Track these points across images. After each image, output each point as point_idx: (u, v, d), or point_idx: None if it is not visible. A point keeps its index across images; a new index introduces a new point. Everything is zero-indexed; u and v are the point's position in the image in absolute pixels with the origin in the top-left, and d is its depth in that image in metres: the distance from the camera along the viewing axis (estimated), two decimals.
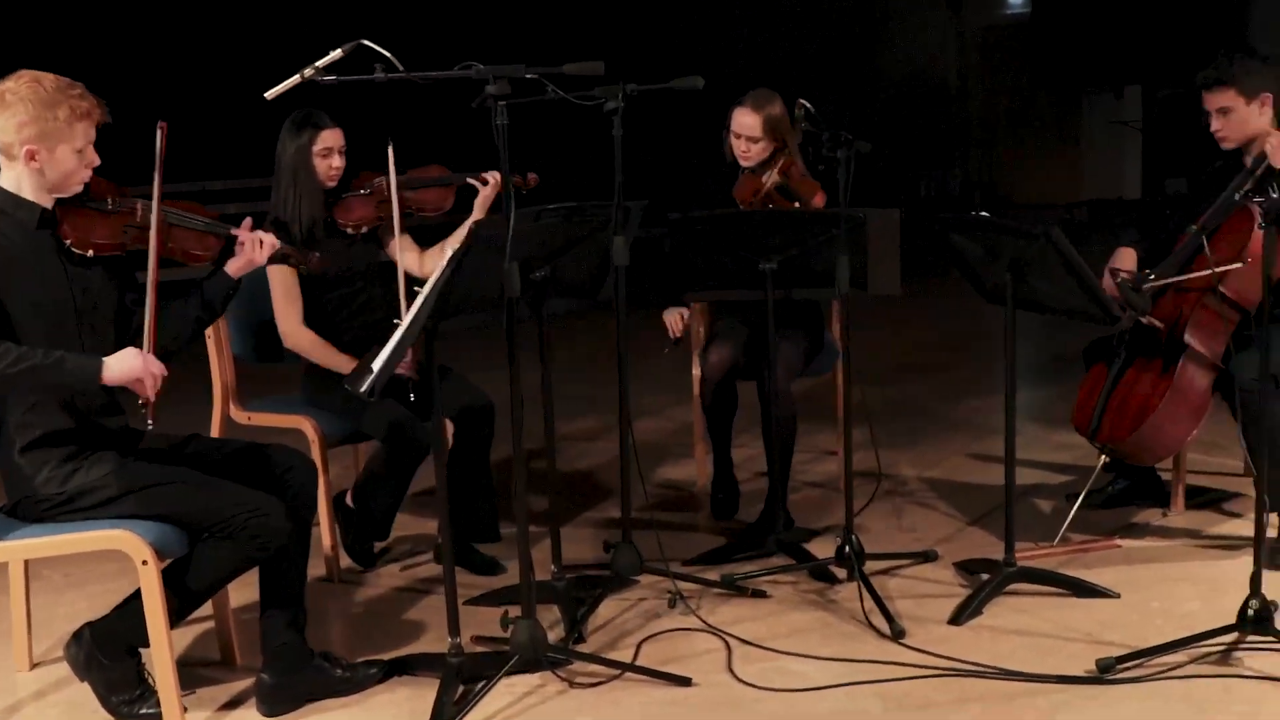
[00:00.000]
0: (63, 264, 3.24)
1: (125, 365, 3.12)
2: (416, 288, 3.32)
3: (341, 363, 4.24)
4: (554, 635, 3.73)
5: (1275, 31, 10.44)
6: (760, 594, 4.04)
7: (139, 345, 3.19)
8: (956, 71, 14.70)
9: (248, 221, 3.56)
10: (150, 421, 3.18)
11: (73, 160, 3.18)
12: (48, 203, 3.23)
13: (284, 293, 4.26)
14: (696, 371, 4.92)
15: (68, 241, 3.23)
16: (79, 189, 3.25)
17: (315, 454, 4.19)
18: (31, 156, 3.15)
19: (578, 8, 13.53)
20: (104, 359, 3.12)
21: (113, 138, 3.31)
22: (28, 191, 3.20)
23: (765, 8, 15.11)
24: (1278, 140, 4.01)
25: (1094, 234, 11.97)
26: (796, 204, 4.54)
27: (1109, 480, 4.68)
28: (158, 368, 3.16)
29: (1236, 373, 4.05)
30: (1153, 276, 4.13)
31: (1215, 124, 4.23)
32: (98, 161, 3.24)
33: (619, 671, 3.51)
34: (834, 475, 5.21)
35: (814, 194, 4.57)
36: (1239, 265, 3.94)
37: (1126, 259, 4.36)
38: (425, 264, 4.41)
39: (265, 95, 3.40)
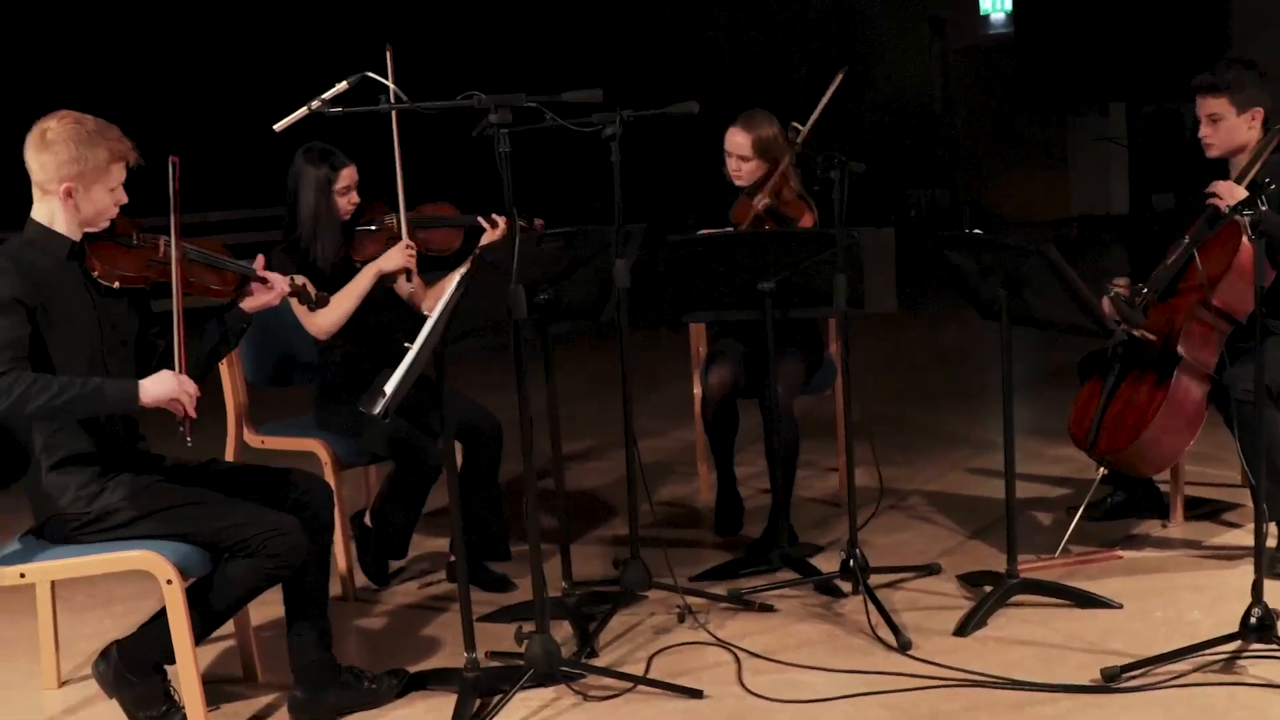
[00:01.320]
0: (90, 295, 3.34)
1: (161, 387, 3.22)
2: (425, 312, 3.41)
3: (356, 289, 4.32)
4: (566, 650, 3.80)
5: (1255, 48, 10.57)
6: (767, 608, 4.12)
7: (170, 368, 3.27)
8: (941, 91, 14.83)
9: (260, 260, 3.65)
10: (189, 440, 3.27)
11: (106, 199, 3.29)
12: (77, 236, 3.33)
13: (304, 312, 4.32)
14: (697, 390, 5.01)
15: (95, 273, 3.33)
16: (107, 225, 3.35)
17: (328, 475, 4.27)
18: (69, 194, 3.25)
19: (575, 37, 13.68)
20: (140, 381, 3.21)
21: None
22: (60, 225, 3.31)
23: (753, 33, 15.27)
24: (1224, 189, 4.09)
25: (1084, 249, 12.10)
26: (788, 226, 4.63)
27: (1108, 492, 4.76)
28: (192, 387, 3.27)
29: (1231, 384, 4.14)
30: (1145, 290, 4.22)
31: (1204, 130, 4.31)
32: (125, 200, 3.35)
33: (632, 685, 3.59)
34: (836, 491, 5.29)
35: (802, 215, 4.66)
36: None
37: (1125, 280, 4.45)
38: (431, 299, 4.49)
39: (274, 128, 3.50)
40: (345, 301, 4.32)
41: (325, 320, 4.32)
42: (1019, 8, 13.20)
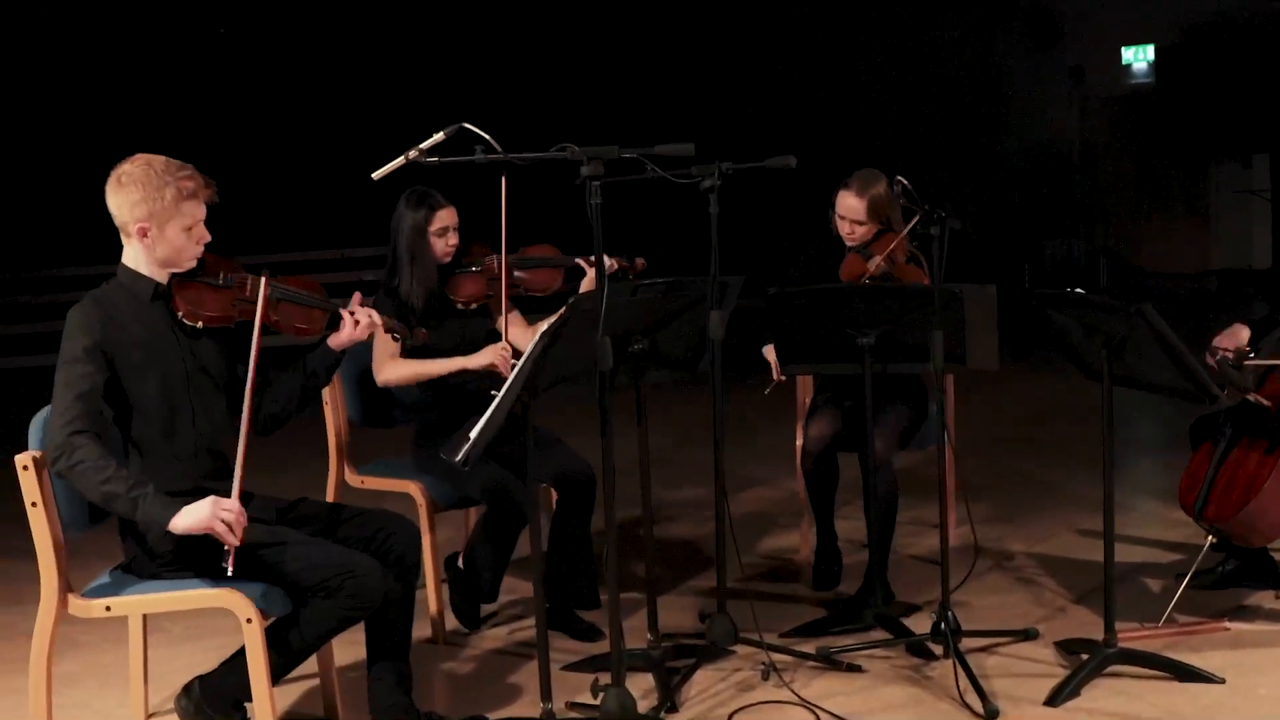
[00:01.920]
0: (175, 335, 3.43)
1: (194, 517, 3.19)
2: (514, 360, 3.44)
3: (437, 368, 4.38)
4: (648, 703, 3.78)
5: None
6: (855, 668, 4.05)
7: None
8: (1080, 141, 14.56)
9: (357, 296, 3.71)
10: (230, 570, 3.23)
11: (182, 238, 3.37)
12: (162, 278, 3.43)
13: (381, 348, 4.39)
14: (799, 442, 4.96)
15: (180, 314, 3.42)
16: (192, 264, 3.44)
17: (422, 518, 4.32)
18: (144, 234, 3.36)
19: (677, 91, 13.80)
20: (179, 511, 3.19)
21: (225, 211, 3.49)
22: (144, 268, 3.41)
23: (890, 80, 15.19)
24: None
25: (1223, 304, 11.74)
26: None
27: (1220, 560, 4.60)
28: (233, 512, 3.21)
29: None
30: (1253, 355, 4.08)
31: None
32: (208, 238, 3.42)
33: None
34: (938, 549, 5.17)
35: (915, 280, 4.60)
36: None
37: (1237, 335, 4.30)
38: (535, 336, 4.52)
39: (372, 176, 3.57)
40: (418, 370, 4.40)
41: (392, 373, 4.40)
42: (1161, 57, 12.94)
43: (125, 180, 3.33)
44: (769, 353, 4.67)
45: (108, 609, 3.38)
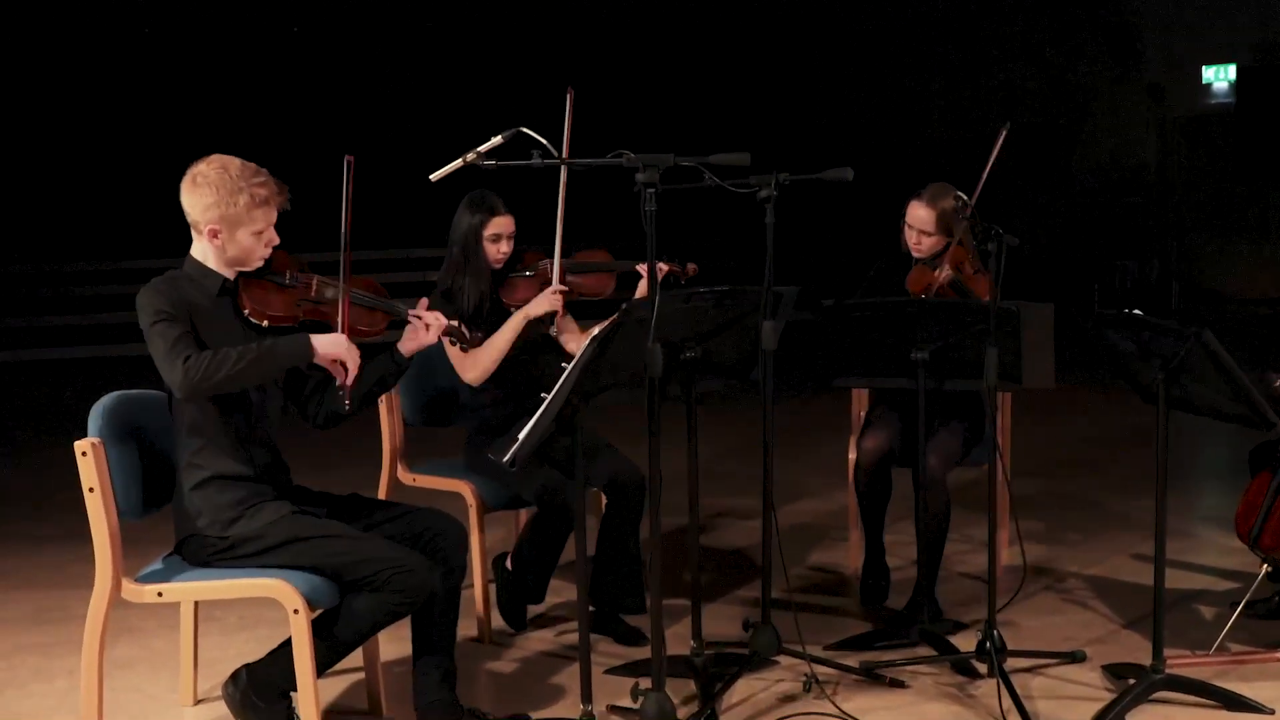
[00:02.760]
0: (241, 329, 3.49)
1: (332, 341, 3.40)
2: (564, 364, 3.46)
3: (504, 336, 4.43)
4: (688, 710, 3.79)
5: None
6: (899, 684, 4.03)
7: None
8: (1157, 160, 14.38)
9: (423, 301, 3.76)
10: (347, 403, 3.46)
11: (251, 240, 3.45)
12: (229, 274, 3.50)
13: (459, 357, 4.44)
14: (852, 455, 4.95)
15: (245, 311, 3.48)
16: (259, 264, 3.51)
17: (472, 517, 4.37)
18: (214, 235, 3.43)
19: (748, 103, 13.84)
20: (312, 335, 3.39)
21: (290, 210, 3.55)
22: (212, 263, 3.48)
23: (967, 94, 15.10)
24: None
25: None
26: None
27: (1275, 590, 4.53)
28: (356, 352, 3.43)
29: None
30: None
31: None
32: (277, 241, 3.49)
33: None
34: (987, 568, 5.14)
35: (984, 292, 4.58)
36: None
37: None
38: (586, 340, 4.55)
39: (430, 177, 3.61)
40: (493, 348, 4.42)
41: (476, 368, 4.43)
42: (1243, 77, 12.75)
43: (200, 181, 3.40)
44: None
45: (159, 595, 3.45)
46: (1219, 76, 13.74)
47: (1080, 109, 14.63)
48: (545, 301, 4.43)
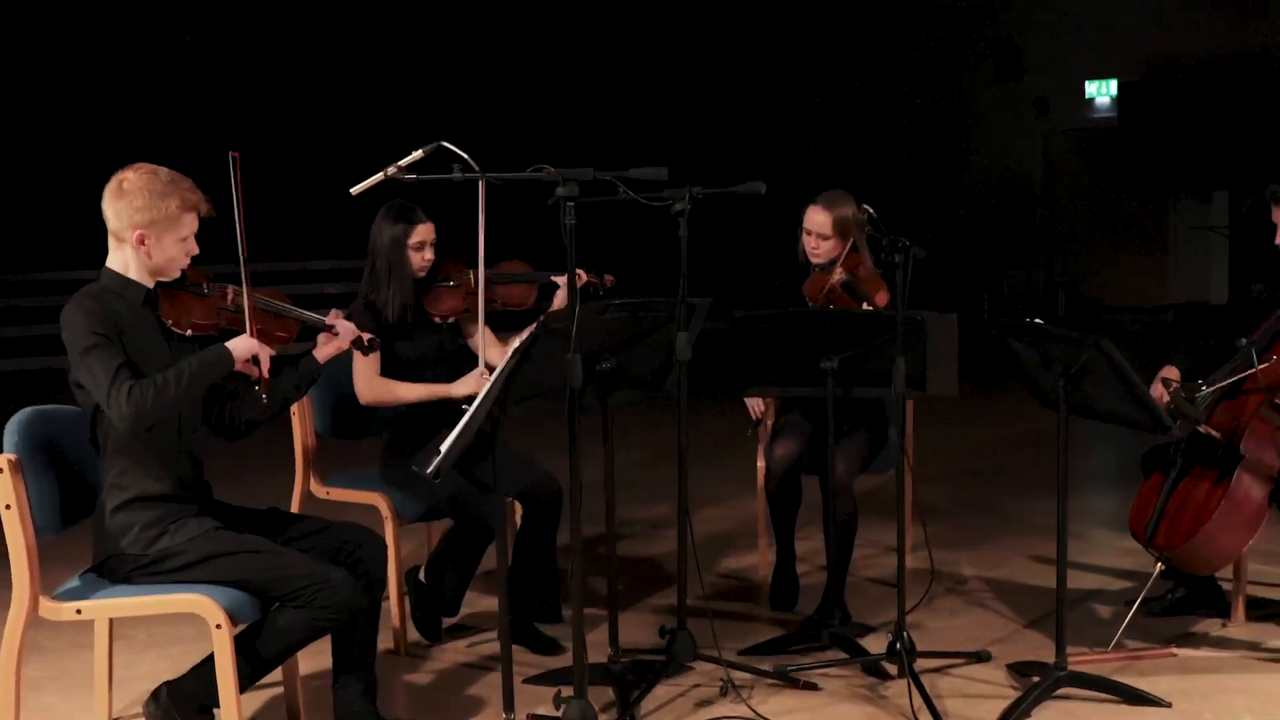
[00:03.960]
0: (164, 340, 3.49)
1: (244, 342, 3.46)
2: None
3: (418, 392, 4.45)
4: (608, 716, 3.84)
5: None
6: (812, 686, 4.12)
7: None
8: (1043, 173, 14.77)
9: (335, 312, 3.78)
10: (265, 396, 3.50)
11: (176, 247, 3.45)
12: (149, 284, 3.49)
13: (362, 366, 4.44)
14: (761, 463, 5.04)
15: (169, 322, 3.48)
16: (178, 274, 3.51)
17: (388, 530, 4.37)
18: (141, 241, 3.42)
19: (652, 117, 14.01)
20: (224, 345, 3.44)
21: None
22: (133, 273, 3.47)
23: (859, 109, 15.38)
24: None
25: (1181, 337, 11.93)
26: (863, 302, 4.66)
27: (1169, 588, 4.70)
28: (268, 349, 3.48)
29: None
30: (1204, 386, 4.19)
31: (1279, 238, 4.34)
32: (196, 250, 3.50)
33: None
34: (894, 572, 5.26)
35: (878, 292, 4.69)
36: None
37: (1169, 374, 4.42)
38: (507, 353, 4.59)
39: (351, 191, 3.63)
40: (397, 395, 4.47)
41: (370, 394, 4.47)
42: (1124, 92, 13.14)
43: (128, 187, 3.40)
44: (749, 399, 4.78)
45: (78, 612, 3.42)
46: (1101, 91, 14.16)
47: (969, 121, 14.97)
48: (471, 383, 4.39)
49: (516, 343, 3.53)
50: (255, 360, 3.50)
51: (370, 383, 4.45)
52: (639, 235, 7.65)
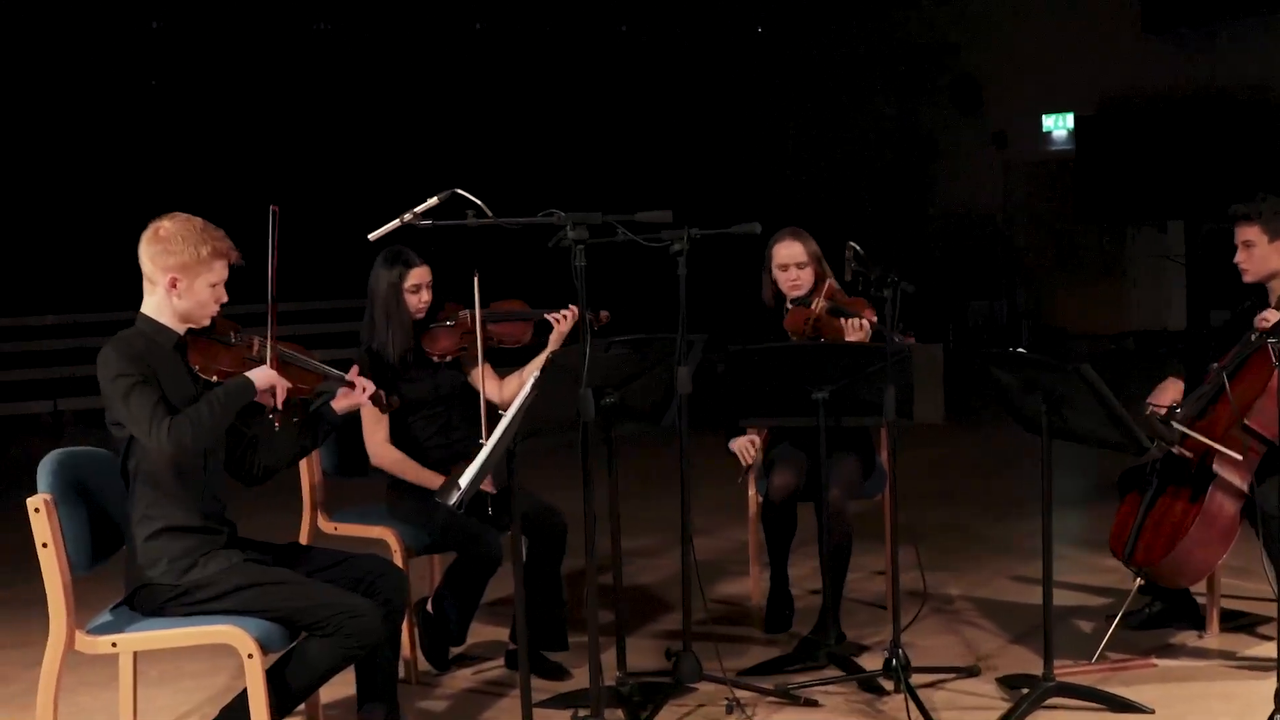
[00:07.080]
0: (192, 383, 3.64)
1: (264, 373, 3.62)
2: (501, 411, 3.66)
3: (426, 477, 4.57)
4: None
5: None
6: (812, 703, 4.29)
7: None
8: (1003, 205, 15.07)
9: (355, 368, 3.95)
10: (277, 425, 3.65)
11: (206, 293, 3.61)
12: (180, 330, 3.64)
13: (373, 419, 4.61)
14: (752, 493, 5.21)
15: (195, 367, 3.63)
16: (207, 322, 3.67)
17: (397, 562, 4.51)
18: (173, 284, 3.58)
19: (647, 161, 14.38)
20: (246, 374, 3.60)
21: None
22: (166, 318, 3.62)
23: (820, 145, 15.67)
24: (1272, 316, 4.31)
25: (1140, 364, 12.21)
26: (857, 320, 4.80)
27: (1147, 602, 4.90)
28: (285, 381, 3.66)
29: (1260, 500, 4.30)
30: (1179, 412, 4.40)
31: (1239, 255, 4.57)
32: (225, 298, 3.66)
33: None
34: (884, 594, 5.44)
35: (864, 309, 4.86)
36: (1235, 456, 4.24)
37: (1172, 390, 4.62)
38: (504, 390, 4.76)
39: (369, 237, 3.80)
40: (406, 470, 4.63)
41: (381, 459, 4.64)
42: (1080, 125, 13.46)
43: (164, 233, 3.57)
44: (737, 445, 4.96)
45: (114, 645, 3.54)
46: (1058, 125, 14.48)
47: (930, 154, 15.28)
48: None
49: (530, 377, 3.69)
50: (273, 393, 3.64)
51: (385, 450, 4.64)
52: (632, 273, 7.86)
